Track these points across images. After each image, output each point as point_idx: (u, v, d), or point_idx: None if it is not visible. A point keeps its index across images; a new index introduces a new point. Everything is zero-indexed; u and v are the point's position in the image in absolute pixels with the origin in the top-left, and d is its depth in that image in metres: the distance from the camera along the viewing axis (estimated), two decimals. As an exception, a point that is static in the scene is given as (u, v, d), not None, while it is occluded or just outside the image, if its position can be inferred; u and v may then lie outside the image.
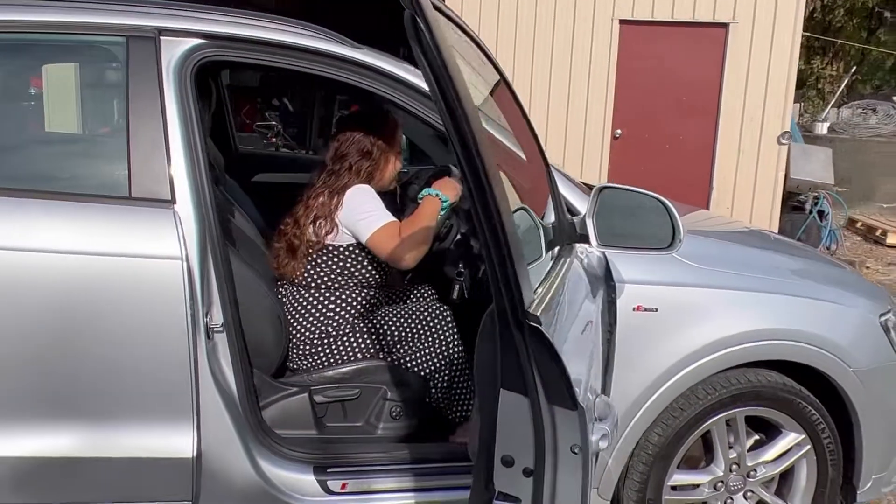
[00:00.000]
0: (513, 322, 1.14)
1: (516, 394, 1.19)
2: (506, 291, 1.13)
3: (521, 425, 1.20)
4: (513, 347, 1.16)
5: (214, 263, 2.01)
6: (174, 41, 2.08)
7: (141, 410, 1.96)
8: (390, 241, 2.32)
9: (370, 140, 2.45)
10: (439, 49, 1.03)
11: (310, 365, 2.36)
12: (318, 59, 2.17)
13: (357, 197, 2.38)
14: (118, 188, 1.99)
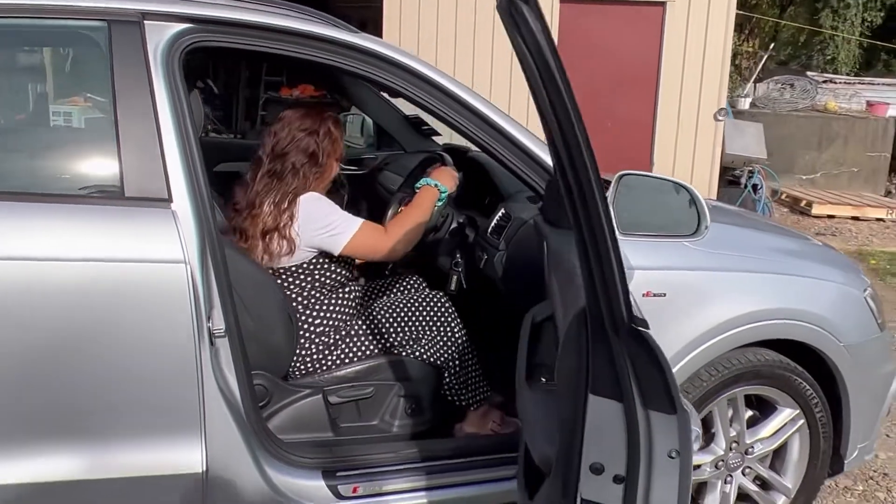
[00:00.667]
0: (610, 326, 1.09)
1: (608, 399, 1.14)
2: (603, 294, 1.08)
3: (612, 431, 1.15)
4: (606, 352, 1.11)
5: (214, 264, 1.89)
6: (159, 25, 1.92)
7: (147, 425, 1.83)
8: (371, 241, 2.23)
9: (315, 140, 2.24)
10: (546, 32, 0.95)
11: (319, 366, 2.25)
12: (314, 45, 2.05)
13: (313, 210, 2.20)
14: (109, 187, 1.83)
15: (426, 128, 3.63)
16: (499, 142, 2.16)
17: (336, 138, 2.29)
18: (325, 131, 2.26)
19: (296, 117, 2.27)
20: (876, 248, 7.06)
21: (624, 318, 1.06)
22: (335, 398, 2.22)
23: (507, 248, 2.27)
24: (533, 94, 1.05)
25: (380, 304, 2.40)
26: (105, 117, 1.83)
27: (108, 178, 1.83)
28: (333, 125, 2.29)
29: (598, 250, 1.05)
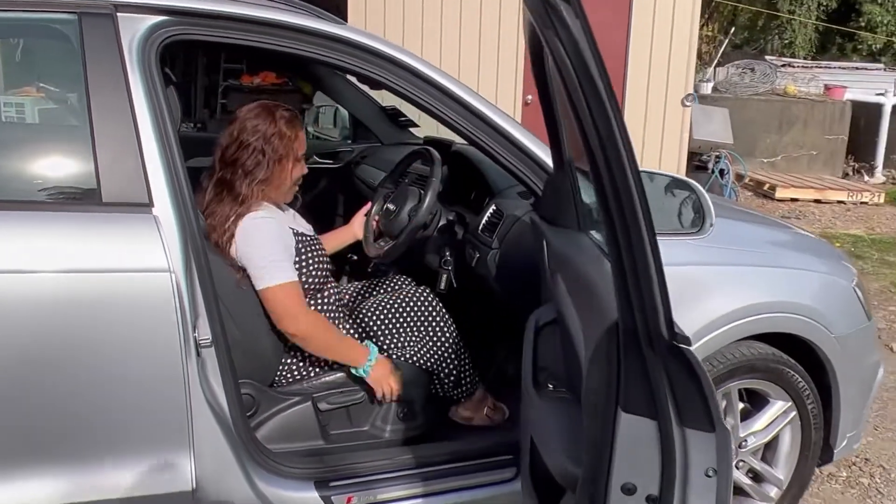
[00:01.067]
0: (645, 342, 1.03)
1: (641, 417, 1.09)
2: (639, 307, 1.02)
3: (645, 450, 1.10)
4: (640, 369, 1.06)
5: (198, 270, 1.79)
6: (133, 18, 1.81)
7: (133, 444, 1.73)
8: (284, 305, 2.00)
9: (262, 145, 2.02)
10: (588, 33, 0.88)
11: (306, 373, 2.16)
12: (299, 37, 1.95)
13: (250, 238, 2.00)
14: (85, 192, 1.72)
15: (403, 119, 3.54)
16: (491, 137, 2.09)
17: (290, 138, 2.07)
18: (273, 132, 2.04)
19: (247, 117, 2.06)
20: (839, 231, 7.18)
21: (664, 334, 1.00)
22: (325, 405, 2.13)
23: (501, 247, 2.20)
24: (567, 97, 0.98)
25: (367, 305, 2.31)
26: (78, 116, 1.71)
27: (83, 182, 1.72)
28: (286, 125, 2.06)
29: (636, 262, 0.99)
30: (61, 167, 1.79)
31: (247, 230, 2.01)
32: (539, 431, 1.46)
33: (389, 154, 3.36)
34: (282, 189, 2.13)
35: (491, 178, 2.48)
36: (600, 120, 0.95)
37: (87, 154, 1.69)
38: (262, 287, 2.00)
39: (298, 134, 2.11)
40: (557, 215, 1.88)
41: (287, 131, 2.07)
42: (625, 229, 0.99)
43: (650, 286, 0.99)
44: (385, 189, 2.59)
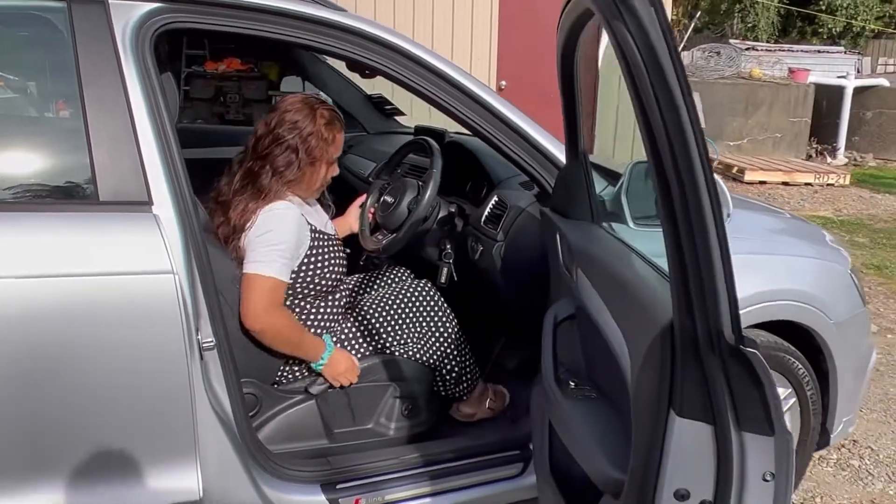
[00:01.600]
0: (706, 346, 0.99)
1: (697, 422, 1.05)
2: (701, 311, 0.98)
3: (700, 455, 1.07)
4: (699, 373, 1.02)
5: (200, 270, 1.71)
6: (126, 5, 1.72)
7: (138, 454, 1.65)
8: (255, 295, 1.90)
9: (298, 142, 1.96)
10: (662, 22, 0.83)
11: (308, 371, 2.10)
12: (296, 24, 1.87)
13: (262, 226, 1.94)
14: (81, 191, 1.63)
15: (389, 107, 3.46)
16: (495, 126, 2.04)
17: (328, 140, 2.00)
18: (311, 132, 1.97)
19: (287, 110, 1.98)
20: (808, 213, 7.28)
21: (731, 339, 0.96)
22: (315, 388, 2.06)
23: (506, 239, 2.16)
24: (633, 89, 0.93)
25: (367, 301, 2.25)
26: (72, 111, 1.61)
27: (79, 181, 1.62)
28: (325, 126, 1.99)
29: (700, 263, 0.95)
30: (55, 165, 1.69)
31: (261, 220, 1.95)
32: (570, 434, 1.43)
33: (376, 143, 3.29)
34: (311, 189, 2.07)
35: (490, 169, 2.42)
36: (669, 114, 0.90)
37: (82, 150, 1.60)
38: (248, 271, 1.92)
39: (336, 136, 2.04)
40: (570, 207, 1.84)
41: (325, 133, 2.00)
42: (688, 229, 0.94)
43: (716, 288, 0.95)
44: (381, 181, 2.52)
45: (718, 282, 0.95)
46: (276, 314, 1.95)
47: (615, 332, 1.28)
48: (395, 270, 2.46)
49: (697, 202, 0.93)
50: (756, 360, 0.96)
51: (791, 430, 2.45)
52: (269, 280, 1.92)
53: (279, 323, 1.96)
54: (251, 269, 1.92)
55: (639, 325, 1.17)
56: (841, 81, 10.53)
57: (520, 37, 6.85)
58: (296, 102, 2.01)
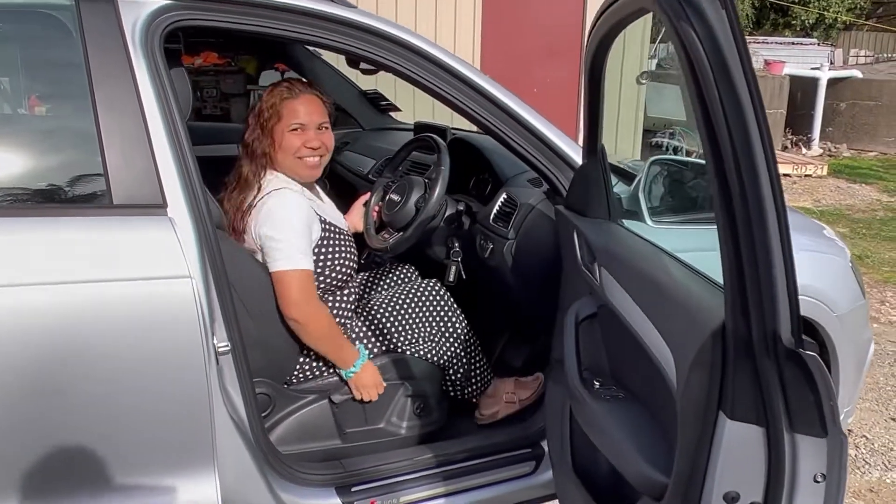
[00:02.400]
0: (762, 349, 0.99)
1: (748, 424, 1.05)
2: (757, 315, 0.97)
3: (750, 458, 1.06)
4: (752, 376, 1.01)
5: (214, 273, 1.67)
6: (135, 2, 1.67)
7: (157, 464, 1.62)
8: (290, 290, 1.93)
9: (255, 114, 2.04)
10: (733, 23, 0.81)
11: (320, 372, 2.08)
12: (309, 21, 1.83)
13: (273, 214, 1.95)
14: (94, 195, 1.58)
15: (385, 103, 3.43)
16: (507, 124, 2.02)
17: (273, 104, 2.02)
18: (261, 105, 2.04)
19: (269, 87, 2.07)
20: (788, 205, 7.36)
21: (789, 343, 0.96)
22: (338, 396, 2.06)
23: (517, 237, 2.14)
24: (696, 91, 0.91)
25: (376, 300, 2.23)
26: (82, 111, 1.56)
27: (92, 184, 1.58)
28: (269, 93, 2.04)
29: (759, 265, 0.94)
30: (67, 168, 1.63)
31: (270, 207, 1.95)
32: (603, 435, 1.42)
33: (373, 140, 3.26)
34: (283, 164, 2.05)
35: (497, 166, 2.41)
36: (735, 120, 0.89)
37: (94, 152, 1.55)
38: (278, 269, 1.93)
39: (286, 102, 2.04)
40: (587, 205, 1.83)
41: (269, 98, 2.04)
42: (748, 231, 0.93)
43: (775, 290, 0.95)
44: (385, 178, 2.49)
45: (778, 283, 0.94)
46: (318, 305, 1.99)
47: (652, 333, 1.27)
48: (402, 268, 2.44)
49: (760, 205, 0.92)
50: (814, 364, 0.95)
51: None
52: (295, 273, 1.93)
53: (321, 314, 1.99)
54: (277, 266, 1.93)
55: (683, 327, 1.16)
56: (815, 73, 10.66)
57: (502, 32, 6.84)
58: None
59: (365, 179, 2.97)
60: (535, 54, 6.94)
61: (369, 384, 2.07)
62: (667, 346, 1.20)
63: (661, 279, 1.33)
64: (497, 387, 2.35)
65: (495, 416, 2.33)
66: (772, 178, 0.90)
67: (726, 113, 0.90)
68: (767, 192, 0.91)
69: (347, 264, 2.10)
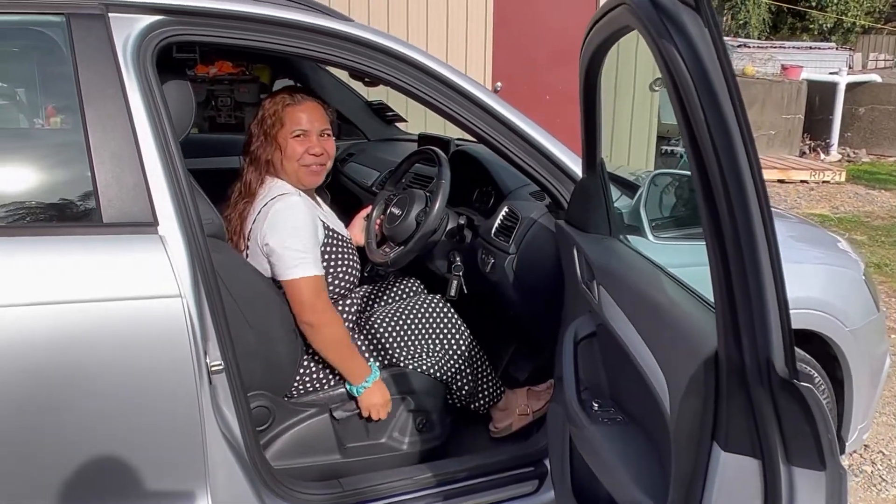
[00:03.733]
0: (755, 379, 0.94)
1: (743, 456, 1.00)
2: (750, 343, 0.93)
3: (746, 490, 1.02)
4: (746, 407, 0.97)
5: (207, 291, 1.65)
6: (126, 18, 1.65)
7: (149, 483, 1.59)
8: (303, 297, 1.94)
9: (258, 122, 2.07)
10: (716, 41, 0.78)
11: (320, 385, 2.05)
12: (306, 36, 1.81)
13: (279, 222, 1.94)
14: (83, 213, 1.56)
15: (390, 114, 3.41)
16: (506, 136, 1.99)
17: (275, 112, 2.04)
18: (263, 113, 2.06)
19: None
20: (805, 211, 7.26)
21: (784, 374, 0.91)
22: (341, 412, 2.03)
23: (518, 251, 2.10)
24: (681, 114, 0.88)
25: (378, 314, 2.20)
26: (71, 129, 1.55)
27: (81, 202, 1.56)
28: (270, 101, 2.06)
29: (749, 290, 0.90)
30: (55, 185, 1.62)
31: (275, 213, 1.95)
32: (599, 460, 1.38)
33: (378, 151, 3.23)
34: (286, 170, 2.05)
35: (499, 179, 2.37)
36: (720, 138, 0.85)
37: (84, 170, 1.54)
38: (290, 277, 1.93)
39: (288, 108, 2.05)
40: (587, 220, 1.79)
41: (271, 106, 2.05)
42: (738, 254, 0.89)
43: (766, 317, 0.90)
44: (386, 191, 2.47)
45: (770, 310, 0.90)
46: (332, 310, 2.00)
47: (647, 357, 1.23)
48: (405, 282, 2.41)
49: (749, 228, 0.88)
50: (810, 395, 0.91)
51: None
52: (307, 280, 1.94)
53: (336, 319, 1.99)
54: (289, 275, 1.93)
55: (677, 352, 1.12)
56: (833, 77, 10.54)
57: (513, 39, 6.80)
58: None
59: (368, 191, 2.95)
60: (548, 61, 6.89)
61: (379, 402, 2.04)
62: (661, 371, 1.16)
63: (657, 300, 1.29)
64: (509, 399, 2.32)
65: (509, 429, 2.31)
66: (760, 200, 0.86)
67: (712, 133, 0.86)
68: (756, 213, 0.87)
69: (351, 272, 2.10)
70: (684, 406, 1.05)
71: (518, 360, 2.60)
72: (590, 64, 1.49)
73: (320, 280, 1.97)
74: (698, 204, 0.95)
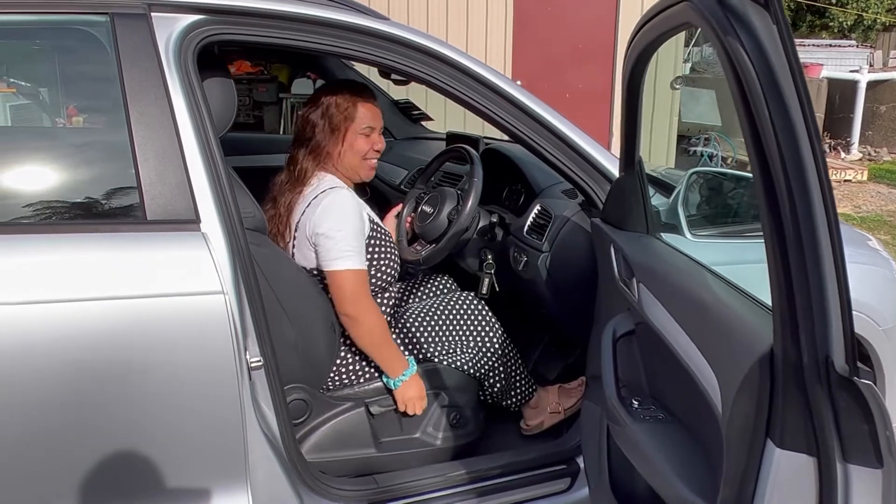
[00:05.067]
0: (813, 377, 0.94)
1: (798, 454, 1.00)
2: (809, 341, 0.93)
3: (800, 487, 1.02)
4: (802, 404, 0.97)
5: (247, 287, 1.67)
6: (168, 17, 1.67)
7: (191, 479, 1.61)
8: (344, 290, 1.95)
9: (322, 110, 2.06)
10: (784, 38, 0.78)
11: (356, 378, 2.07)
12: (343, 35, 1.82)
13: (329, 213, 1.96)
14: (128, 210, 1.58)
15: (416, 113, 3.42)
16: (541, 135, 1.99)
17: (346, 107, 2.06)
18: (330, 102, 2.06)
19: (318, 96, 2.09)
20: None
21: (844, 371, 0.91)
22: (377, 408, 2.05)
23: (552, 249, 2.11)
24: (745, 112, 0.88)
25: (412, 310, 2.21)
26: (117, 127, 1.57)
27: (127, 200, 1.58)
28: (342, 95, 2.07)
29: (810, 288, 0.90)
30: (100, 183, 1.63)
31: (327, 205, 1.97)
32: (644, 458, 1.38)
33: (405, 149, 3.24)
34: (344, 163, 2.08)
35: (531, 177, 2.38)
36: (785, 139, 0.85)
37: (128, 167, 1.55)
38: (336, 268, 1.95)
39: (358, 104, 2.08)
40: (625, 218, 1.79)
41: (342, 101, 2.06)
42: (799, 253, 0.89)
43: (827, 314, 0.90)
44: (417, 189, 2.48)
45: (831, 308, 0.90)
46: (373, 303, 2.01)
47: (695, 355, 1.23)
48: (438, 279, 2.41)
49: (812, 227, 0.88)
50: (870, 393, 0.91)
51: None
52: (352, 272, 1.95)
53: (376, 312, 2.01)
54: (334, 266, 1.95)
55: (728, 350, 1.12)
56: (854, 76, 10.45)
57: (533, 37, 6.80)
58: (328, 88, 2.10)
59: (397, 190, 2.96)
60: (568, 59, 6.89)
61: (415, 396, 2.05)
62: (710, 369, 1.16)
63: (703, 298, 1.29)
64: (541, 397, 2.33)
65: (541, 427, 2.31)
66: (825, 198, 0.86)
67: (777, 131, 0.86)
68: (820, 212, 0.87)
69: (393, 265, 2.12)
70: (737, 403, 1.05)
71: (547, 358, 2.60)
72: (636, 63, 1.49)
73: (364, 274, 1.99)
74: (758, 202, 0.95)
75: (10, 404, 1.43)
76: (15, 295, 1.43)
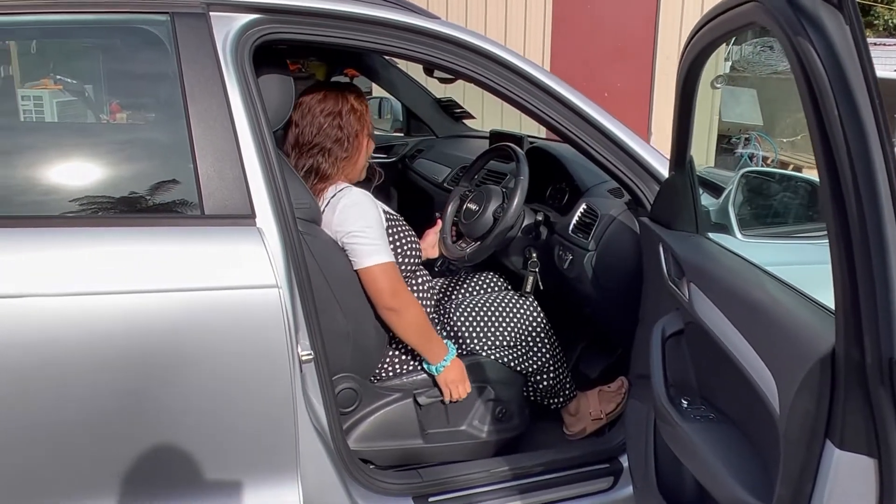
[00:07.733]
0: (876, 378, 0.94)
1: (859, 455, 1.00)
2: (871, 339, 0.93)
3: (860, 488, 1.02)
4: (864, 405, 0.97)
5: (298, 281, 1.70)
6: (226, 17, 1.71)
7: (243, 473, 1.65)
8: (380, 283, 1.96)
9: (339, 123, 2.02)
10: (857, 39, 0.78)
11: (403, 368, 2.10)
12: (396, 34, 1.84)
13: (350, 213, 1.96)
14: (186, 205, 1.62)
15: (459, 111, 3.43)
16: (588, 133, 1.99)
17: (361, 113, 2.08)
18: (348, 109, 2.04)
19: (315, 101, 2.03)
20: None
21: (891, 371, 0.91)
22: (424, 399, 2.07)
23: (598, 248, 2.11)
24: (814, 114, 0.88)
25: (458, 305, 2.22)
26: (176, 123, 1.61)
27: (185, 195, 1.62)
28: (356, 100, 2.07)
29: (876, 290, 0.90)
30: (160, 178, 1.68)
31: (346, 205, 1.97)
32: (695, 457, 1.38)
33: (447, 147, 3.26)
34: (358, 166, 2.11)
35: (577, 175, 2.38)
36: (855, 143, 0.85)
37: (187, 163, 1.59)
38: (368, 265, 1.95)
39: (365, 108, 2.10)
40: (674, 218, 1.78)
41: (357, 105, 2.07)
42: (865, 254, 0.89)
43: (892, 318, 0.90)
44: (461, 187, 2.49)
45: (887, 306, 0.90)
46: (410, 294, 2.03)
47: (750, 355, 1.23)
48: (484, 276, 2.42)
49: (879, 230, 0.87)
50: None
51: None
52: (384, 266, 1.96)
53: (415, 302, 2.02)
54: (366, 263, 1.95)
55: (786, 351, 1.12)
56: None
57: (572, 37, 6.77)
58: (318, 93, 2.05)
59: (440, 187, 2.98)
60: (606, 57, 6.86)
61: (457, 379, 2.07)
62: (767, 370, 1.16)
63: (759, 298, 1.29)
64: (581, 404, 2.32)
65: (583, 433, 2.32)
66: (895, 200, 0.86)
67: (846, 134, 0.86)
68: (889, 215, 0.86)
69: (414, 247, 2.13)
70: (796, 404, 1.05)
71: (589, 358, 2.60)
72: (693, 64, 1.49)
73: (395, 266, 2.00)
74: (823, 202, 0.95)
75: (74, 390, 1.48)
76: (80, 286, 1.47)
